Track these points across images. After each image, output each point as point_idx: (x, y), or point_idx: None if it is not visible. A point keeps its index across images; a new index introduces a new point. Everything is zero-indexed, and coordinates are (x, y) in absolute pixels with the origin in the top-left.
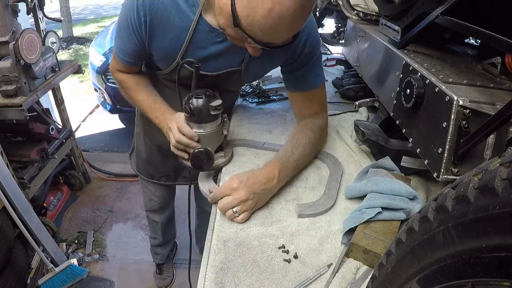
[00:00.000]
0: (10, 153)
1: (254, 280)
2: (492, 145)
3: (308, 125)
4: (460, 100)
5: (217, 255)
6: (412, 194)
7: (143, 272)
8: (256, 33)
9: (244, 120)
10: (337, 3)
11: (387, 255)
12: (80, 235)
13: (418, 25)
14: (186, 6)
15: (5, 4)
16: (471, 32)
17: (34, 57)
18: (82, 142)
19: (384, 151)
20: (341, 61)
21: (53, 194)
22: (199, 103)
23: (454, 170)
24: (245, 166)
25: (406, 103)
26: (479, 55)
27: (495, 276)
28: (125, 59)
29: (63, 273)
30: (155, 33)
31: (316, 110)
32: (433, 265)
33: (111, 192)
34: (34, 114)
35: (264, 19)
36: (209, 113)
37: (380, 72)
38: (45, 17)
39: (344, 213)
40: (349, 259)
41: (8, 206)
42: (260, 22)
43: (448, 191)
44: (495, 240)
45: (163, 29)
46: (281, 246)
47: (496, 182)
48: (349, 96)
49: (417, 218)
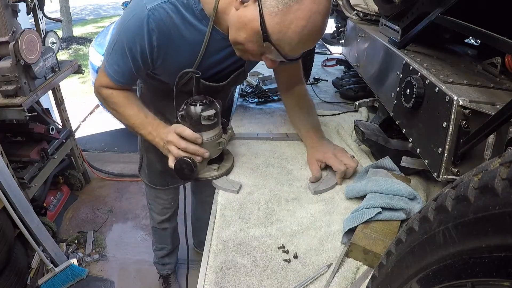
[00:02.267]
0: (10, 153)
1: (254, 280)
2: (492, 145)
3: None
4: (460, 100)
5: (217, 256)
6: (412, 194)
7: (143, 272)
8: (284, 47)
9: (244, 120)
10: (337, 3)
11: (387, 255)
12: (80, 235)
13: (418, 25)
14: (196, 20)
15: (5, 4)
16: (471, 32)
17: (34, 57)
18: (82, 142)
19: (384, 151)
20: (341, 61)
21: (53, 194)
22: (193, 110)
23: (454, 170)
24: (245, 166)
25: (406, 103)
26: (479, 55)
27: (495, 276)
28: (120, 80)
29: (63, 273)
30: (166, 53)
31: (300, 76)
32: (433, 265)
33: (111, 192)
34: (34, 114)
35: (296, 35)
36: (200, 122)
37: (380, 72)
38: (45, 17)
39: (344, 213)
40: (349, 259)
41: (8, 206)
42: (291, 37)
43: (448, 191)
44: (495, 240)
45: (175, 47)
46: (281, 246)
47: (496, 182)
48: (349, 96)
49: (417, 218)
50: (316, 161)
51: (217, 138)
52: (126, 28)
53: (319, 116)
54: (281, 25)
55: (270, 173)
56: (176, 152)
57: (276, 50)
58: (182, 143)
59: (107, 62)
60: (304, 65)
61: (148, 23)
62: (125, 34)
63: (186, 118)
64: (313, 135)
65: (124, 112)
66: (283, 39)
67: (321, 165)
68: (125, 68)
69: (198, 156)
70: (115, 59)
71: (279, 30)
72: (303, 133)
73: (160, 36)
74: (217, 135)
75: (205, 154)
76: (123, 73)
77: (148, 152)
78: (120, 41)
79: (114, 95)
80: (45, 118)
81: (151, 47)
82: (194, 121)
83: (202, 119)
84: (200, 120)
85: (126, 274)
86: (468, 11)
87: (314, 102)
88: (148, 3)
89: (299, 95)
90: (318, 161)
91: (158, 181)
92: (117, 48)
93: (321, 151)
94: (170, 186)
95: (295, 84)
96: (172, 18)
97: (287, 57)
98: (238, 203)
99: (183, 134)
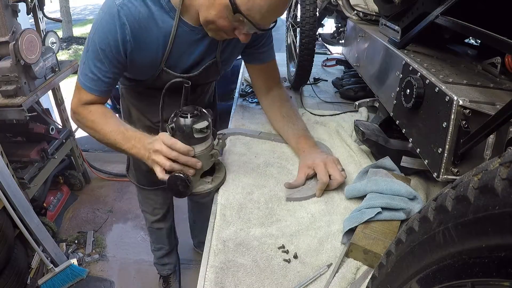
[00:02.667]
0: (10, 153)
1: (254, 280)
2: (492, 145)
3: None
4: (460, 100)
5: (217, 255)
6: (412, 194)
7: (143, 272)
8: (255, 17)
9: (244, 120)
10: (337, 3)
11: (387, 255)
12: (80, 235)
13: (418, 25)
14: (163, 12)
15: (5, 4)
16: (471, 32)
17: (34, 57)
18: (82, 142)
19: (384, 151)
20: (341, 61)
21: (53, 194)
22: (183, 123)
23: (454, 170)
24: (245, 166)
25: (406, 103)
26: (479, 55)
27: (495, 276)
28: (96, 89)
29: (63, 273)
30: (138, 46)
31: (278, 78)
32: (433, 265)
33: (111, 192)
34: (34, 114)
35: (264, 1)
36: (192, 135)
37: (380, 72)
38: (45, 17)
39: (344, 213)
40: (349, 259)
41: (8, 206)
42: (260, 5)
43: (448, 191)
44: (495, 240)
45: (145, 40)
46: (281, 246)
47: (496, 182)
48: (349, 96)
49: (417, 218)
50: (306, 167)
51: (209, 150)
52: (98, 27)
53: (319, 116)
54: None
55: (270, 173)
56: (164, 163)
57: (248, 21)
58: (172, 153)
59: (81, 73)
60: (304, 66)
61: (119, 17)
62: (97, 34)
63: (177, 132)
64: (304, 144)
65: (102, 129)
66: (253, 8)
67: (309, 174)
68: (99, 74)
69: (190, 169)
70: (89, 66)
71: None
72: (293, 144)
73: (131, 29)
74: (209, 147)
75: (198, 164)
76: (98, 79)
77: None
78: (93, 43)
79: (92, 112)
80: (45, 118)
81: (124, 41)
82: (186, 134)
83: (194, 132)
84: (192, 133)
85: (126, 274)
86: (468, 11)
87: (314, 102)
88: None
89: (280, 101)
90: (308, 168)
91: (146, 181)
92: (90, 53)
93: (311, 159)
94: (159, 186)
95: (273, 87)
96: (140, 12)
97: (259, 27)
98: (238, 203)
99: (174, 147)
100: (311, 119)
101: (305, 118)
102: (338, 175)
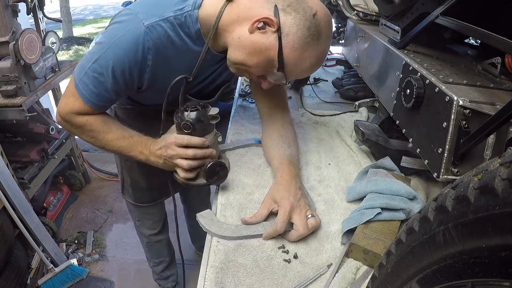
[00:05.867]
0: (10, 153)
1: (254, 280)
2: (492, 145)
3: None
4: (460, 100)
5: (217, 255)
6: (412, 194)
7: (143, 272)
8: (290, 76)
9: (244, 120)
10: (337, 3)
11: (387, 255)
12: (80, 235)
13: (418, 25)
14: (191, 40)
15: (5, 4)
16: (471, 32)
17: (34, 57)
18: (82, 142)
19: (384, 151)
20: (341, 61)
21: (53, 194)
22: (198, 115)
23: (454, 170)
24: (245, 166)
25: (406, 103)
26: (479, 55)
27: (495, 276)
28: (96, 103)
29: (63, 273)
30: (158, 73)
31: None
32: (433, 265)
33: (111, 192)
34: (34, 114)
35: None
36: (209, 123)
37: (380, 72)
38: (45, 17)
39: (344, 214)
40: (349, 259)
41: (8, 206)
42: (302, 70)
43: (448, 191)
44: (495, 240)
45: (168, 67)
46: (281, 246)
47: (496, 182)
48: (349, 96)
49: (417, 218)
50: (272, 201)
51: (217, 136)
52: (116, 44)
53: (319, 116)
54: (298, 60)
55: (271, 173)
56: (186, 163)
57: (284, 78)
58: (190, 152)
59: (80, 81)
60: None
61: (145, 41)
62: (112, 51)
63: (196, 125)
64: (283, 172)
65: (105, 138)
66: (294, 71)
67: (273, 210)
68: (102, 90)
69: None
70: (91, 79)
71: (295, 64)
72: (274, 165)
73: (155, 55)
74: (216, 134)
75: (213, 153)
76: (99, 94)
77: (131, 171)
78: (105, 58)
79: (90, 122)
80: (45, 118)
81: (144, 66)
82: (205, 124)
83: (210, 119)
84: (209, 120)
85: (126, 274)
86: (468, 11)
87: (314, 102)
88: (145, 19)
89: (283, 123)
90: (274, 202)
91: (145, 198)
92: (97, 66)
93: (280, 195)
94: (157, 200)
95: (279, 113)
96: (170, 37)
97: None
98: (238, 203)
99: (190, 143)
100: (311, 119)
101: (305, 118)
102: (301, 227)
